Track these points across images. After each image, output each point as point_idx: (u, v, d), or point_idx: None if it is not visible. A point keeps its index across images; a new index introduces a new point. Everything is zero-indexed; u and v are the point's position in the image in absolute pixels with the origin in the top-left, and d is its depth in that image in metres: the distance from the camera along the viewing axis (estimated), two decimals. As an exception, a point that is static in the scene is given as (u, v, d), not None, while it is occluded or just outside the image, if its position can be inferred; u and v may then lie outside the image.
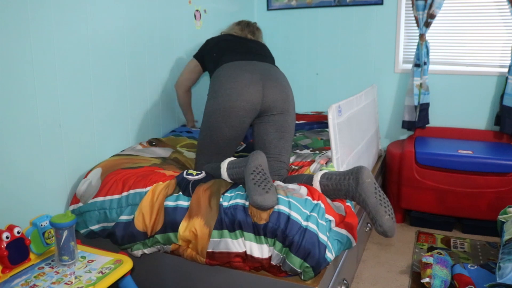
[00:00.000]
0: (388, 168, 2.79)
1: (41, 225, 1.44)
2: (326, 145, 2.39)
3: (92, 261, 1.40)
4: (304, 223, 1.45)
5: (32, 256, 1.41)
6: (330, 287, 1.58)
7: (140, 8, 2.18)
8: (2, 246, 1.30)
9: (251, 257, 1.47)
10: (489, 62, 2.89)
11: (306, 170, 1.95)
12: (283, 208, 1.46)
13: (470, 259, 2.29)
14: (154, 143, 2.21)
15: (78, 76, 1.84)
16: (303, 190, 1.59)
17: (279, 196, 1.50)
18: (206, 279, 1.61)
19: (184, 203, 1.58)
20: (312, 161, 2.05)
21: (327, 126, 2.68)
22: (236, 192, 1.58)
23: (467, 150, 2.58)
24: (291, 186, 1.62)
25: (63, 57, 1.75)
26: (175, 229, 1.54)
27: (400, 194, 2.66)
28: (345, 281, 1.76)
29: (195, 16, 2.68)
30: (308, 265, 1.41)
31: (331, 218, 1.53)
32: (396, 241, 2.51)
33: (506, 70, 2.77)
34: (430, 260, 2.02)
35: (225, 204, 1.53)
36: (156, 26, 2.32)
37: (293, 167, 2.05)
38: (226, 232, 1.49)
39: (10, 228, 1.34)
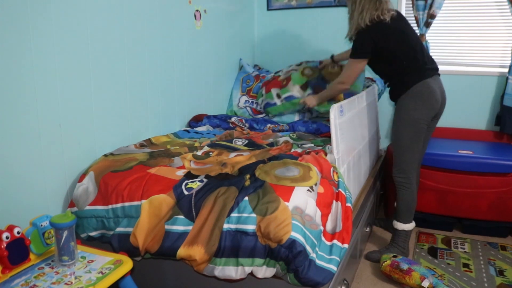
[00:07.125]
0: (388, 168, 2.78)
1: (41, 225, 1.44)
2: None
3: (92, 261, 1.40)
4: (312, 255, 1.44)
5: (32, 256, 1.40)
6: (330, 287, 1.57)
7: (140, 8, 2.18)
8: (2, 246, 1.30)
9: (254, 276, 1.47)
10: (489, 62, 2.89)
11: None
12: (299, 238, 1.42)
13: (470, 259, 2.29)
14: (145, 145, 2.17)
15: (78, 76, 1.84)
16: (318, 215, 1.53)
17: (296, 223, 1.44)
18: (206, 279, 1.61)
19: (184, 228, 1.53)
20: (321, 151, 1.98)
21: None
22: (242, 214, 1.50)
23: (467, 150, 2.58)
24: (308, 212, 1.52)
25: (63, 57, 1.74)
26: (171, 254, 1.51)
27: (400, 194, 2.66)
28: (345, 281, 1.75)
29: (195, 16, 2.68)
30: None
31: (339, 243, 1.57)
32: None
33: (506, 70, 2.77)
34: (403, 266, 2.00)
35: (232, 227, 1.49)
36: (156, 26, 2.32)
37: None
38: (227, 260, 1.47)
39: (10, 228, 1.34)
